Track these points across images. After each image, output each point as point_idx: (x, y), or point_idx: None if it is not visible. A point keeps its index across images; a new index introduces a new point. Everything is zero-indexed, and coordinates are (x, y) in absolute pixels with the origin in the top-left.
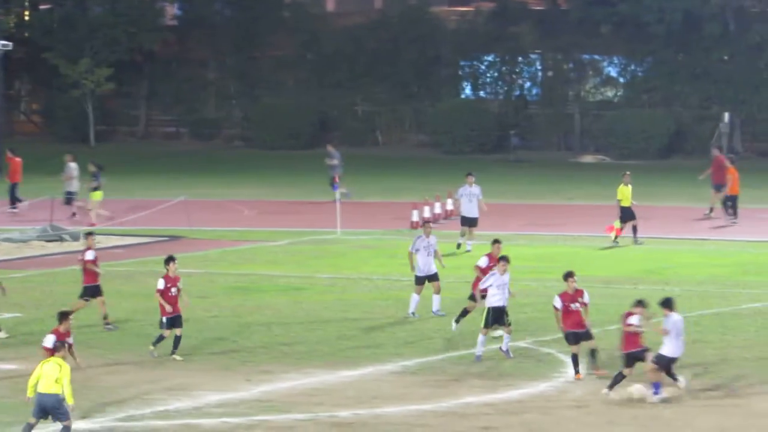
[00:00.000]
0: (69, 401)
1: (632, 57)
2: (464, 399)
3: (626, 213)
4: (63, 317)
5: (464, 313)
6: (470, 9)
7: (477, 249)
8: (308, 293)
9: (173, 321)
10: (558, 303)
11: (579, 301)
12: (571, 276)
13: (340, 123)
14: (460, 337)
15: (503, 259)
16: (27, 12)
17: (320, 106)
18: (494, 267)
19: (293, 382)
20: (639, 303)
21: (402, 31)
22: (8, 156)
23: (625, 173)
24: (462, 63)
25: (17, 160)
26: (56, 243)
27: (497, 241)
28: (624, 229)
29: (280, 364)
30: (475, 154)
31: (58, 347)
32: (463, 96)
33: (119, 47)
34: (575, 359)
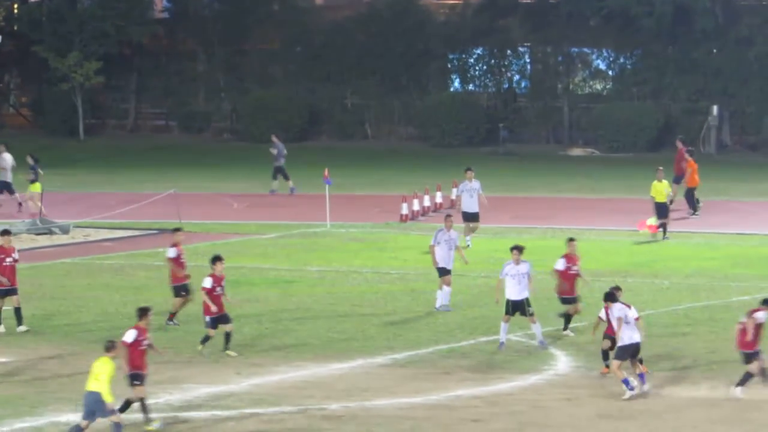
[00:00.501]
0: (108, 400)
1: (621, 50)
2: (454, 392)
3: (661, 209)
4: (143, 313)
5: (568, 318)
6: (459, 2)
7: (477, 244)
8: (298, 286)
9: (219, 319)
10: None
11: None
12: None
13: (329, 116)
14: (452, 330)
15: (516, 249)
16: (16, 5)
17: (309, 99)
18: (572, 267)
19: (283, 375)
20: (765, 302)
21: (391, 24)
22: None
23: (659, 169)
24: (451, 56)
25: None
26: (46, 236)
27: (572, 239)
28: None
29: (270, 357)
30: (464, 147)
31: (109, 347)
32: (452, 89)
33: (108, 40)
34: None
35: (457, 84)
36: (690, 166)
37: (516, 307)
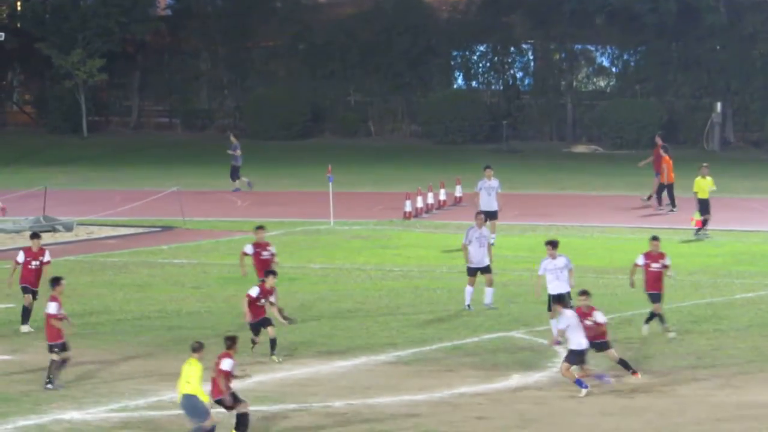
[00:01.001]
0: (204, 399)
1: (625, 47)
2: (458, 389)
3: (704, 205)
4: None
5: (652, 316)
6: None
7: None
8: (301, 283)
9: (261, 323)
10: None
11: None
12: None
13: (333, 113)
14: (456, 328)
15: (550, 244)
16: (19, 2)
17: (312, 97)
18: (652, 264)
19: (286, 373)
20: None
21: (394, 22)
22: None
23: (702, 165)
24: (454, 53)
25: None
26: (49, 233)
27: (656, 238)
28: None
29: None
30: (468, 145)
31: (197, 348)
32: (456, 86)
33: (111, 38)
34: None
35: (461, 81)
36: (665, 163)
37: (557, 302)
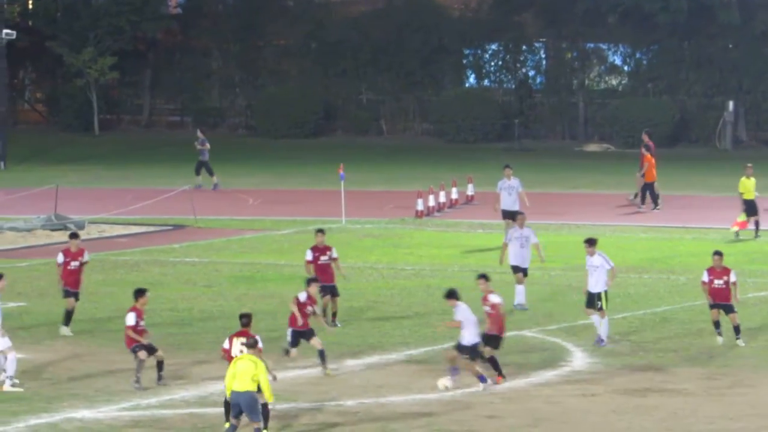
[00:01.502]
0: (269, 399)
1: (637, 45)
2: (470, 388)
3: (750, 206)
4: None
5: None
6: None
7: (490, 240)
8: None
9: (302, 334)
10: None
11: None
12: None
13: (344, 112)
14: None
15: (587, 243)
16: (31, 1)
17: (324, 95)
18: (715, 281)
19: (299, 371)
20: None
21: (406, 20)
22: None
23: (747, 165)
24: (466, 52)
25: None
26: (61, 232)
27: (718, 253)
28: (748, 223)
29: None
30: (479, 143)
31: (252, 344)
32: (467, 85)
33: (123, 36)
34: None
35: (473, 80)
36: (647, 161)
37: (590, 298)
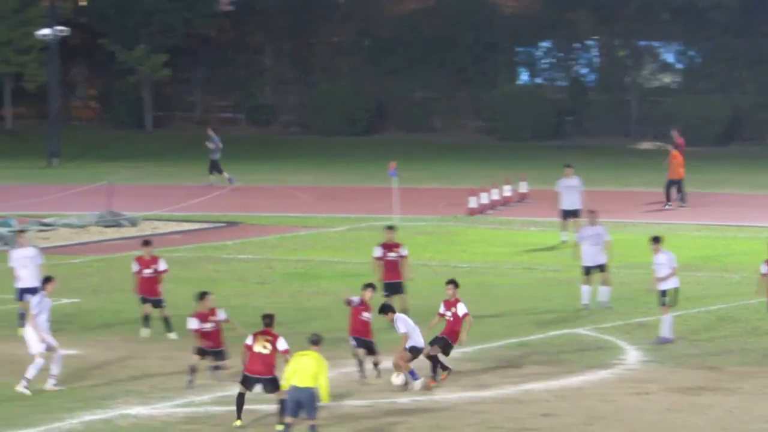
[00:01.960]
0: (325, 400)
1: (690, 43)
2: (523, 386)
3: None
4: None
5: None
6: None
7: (544, 238)
8: (366, 279)
9: (367, 345)
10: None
11: None
12: None
13: (397, 109)
14: (522, 324)
15: (653, 240)
16: None
17: (376, 93)
18: None
19: (352, 368)
20: None
21: (458, 17)
22: None
23: None
24: (518, 49)
25: None
26: (114, 228)
27: None
28: None
29: (339, 350)
30: (532, 141)
31: (317, 341)
32: (520, 82)
33: (175, 33)
34: None
35: (525, 77)
36: (674, 157)
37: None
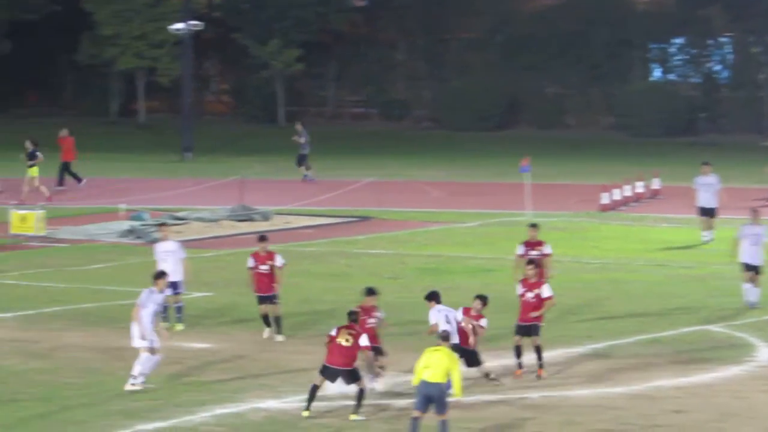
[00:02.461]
0: (457, 395)
1: None
2: (655, 382)
3: None
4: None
5: None
6: None
7: (674, 234)
8: (498, 275)
9: (467, 354)
10: None
11: None
12: None
13: (529, 105)
14: (653, 320)
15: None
16: None
17: (509, 88)
18: None
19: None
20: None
21: (592, 14)
22: (61, 136)
23: None
24: (651, 46)
25: (70, 139)
26: (246, 222)
27: None
28: None
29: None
30: (664, 138)
31: (447, 336)
32: (653, 79)
33: (308, 28)
34: None
35: (658, 73)
36: None
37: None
